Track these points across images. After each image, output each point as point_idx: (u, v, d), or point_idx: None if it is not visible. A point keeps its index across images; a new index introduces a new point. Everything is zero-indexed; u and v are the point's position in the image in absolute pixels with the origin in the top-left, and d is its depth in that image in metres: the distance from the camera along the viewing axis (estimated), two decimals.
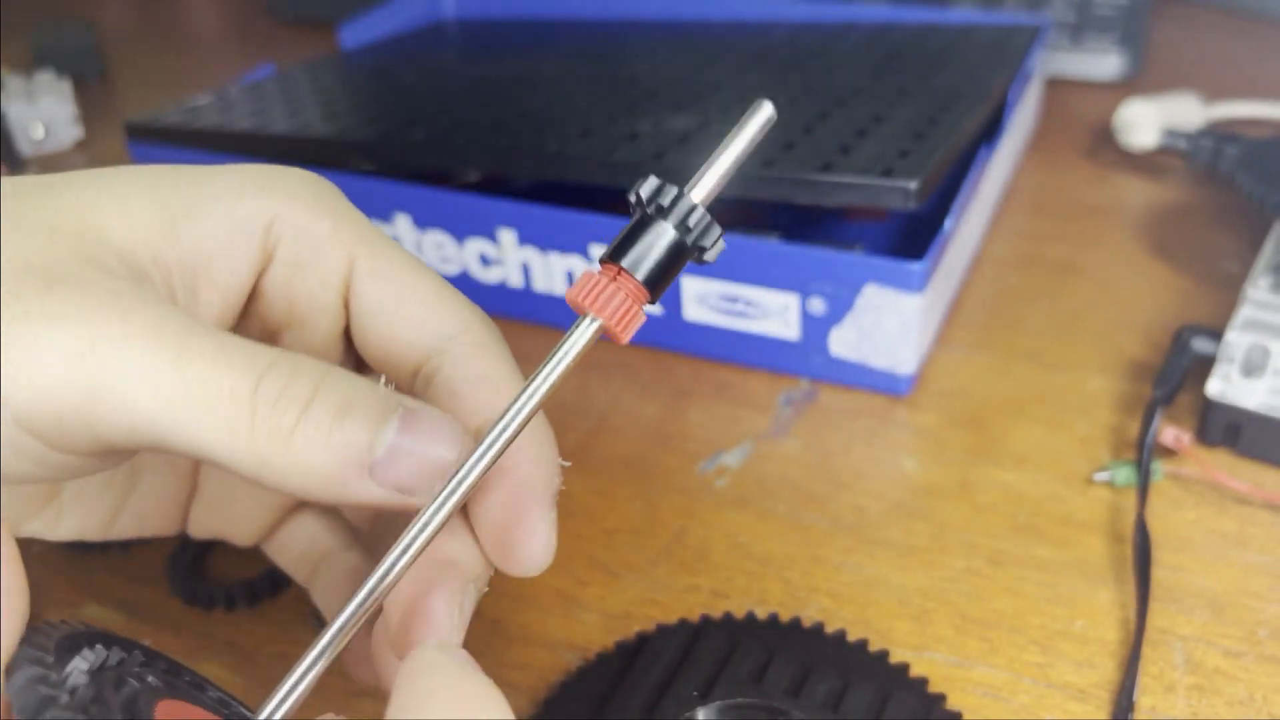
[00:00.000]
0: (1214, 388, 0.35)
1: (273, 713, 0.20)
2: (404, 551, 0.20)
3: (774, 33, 0.59)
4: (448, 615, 0.21)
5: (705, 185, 0.20)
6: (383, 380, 0.22)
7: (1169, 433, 0.35)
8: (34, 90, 0.63)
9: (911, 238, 0.46)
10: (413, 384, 0.23)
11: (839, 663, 0.28)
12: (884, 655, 0.28)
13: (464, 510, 0.22)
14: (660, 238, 0.20)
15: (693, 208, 0.20)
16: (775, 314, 0.39)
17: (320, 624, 0.21)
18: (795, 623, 0.29)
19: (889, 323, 0.37)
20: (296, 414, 0.19)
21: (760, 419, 0.39)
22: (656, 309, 0.41)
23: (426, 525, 0.20)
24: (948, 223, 0.39)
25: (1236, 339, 0.35)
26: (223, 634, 0.31)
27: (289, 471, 0.19)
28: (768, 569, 0.32)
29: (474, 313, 0.23)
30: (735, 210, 0.46)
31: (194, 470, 0.27)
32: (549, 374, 0.20)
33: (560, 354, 0.20)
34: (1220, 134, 0.50)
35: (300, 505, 0.28)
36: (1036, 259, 0.47)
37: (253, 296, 0.23)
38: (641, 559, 0.33)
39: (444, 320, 0.23)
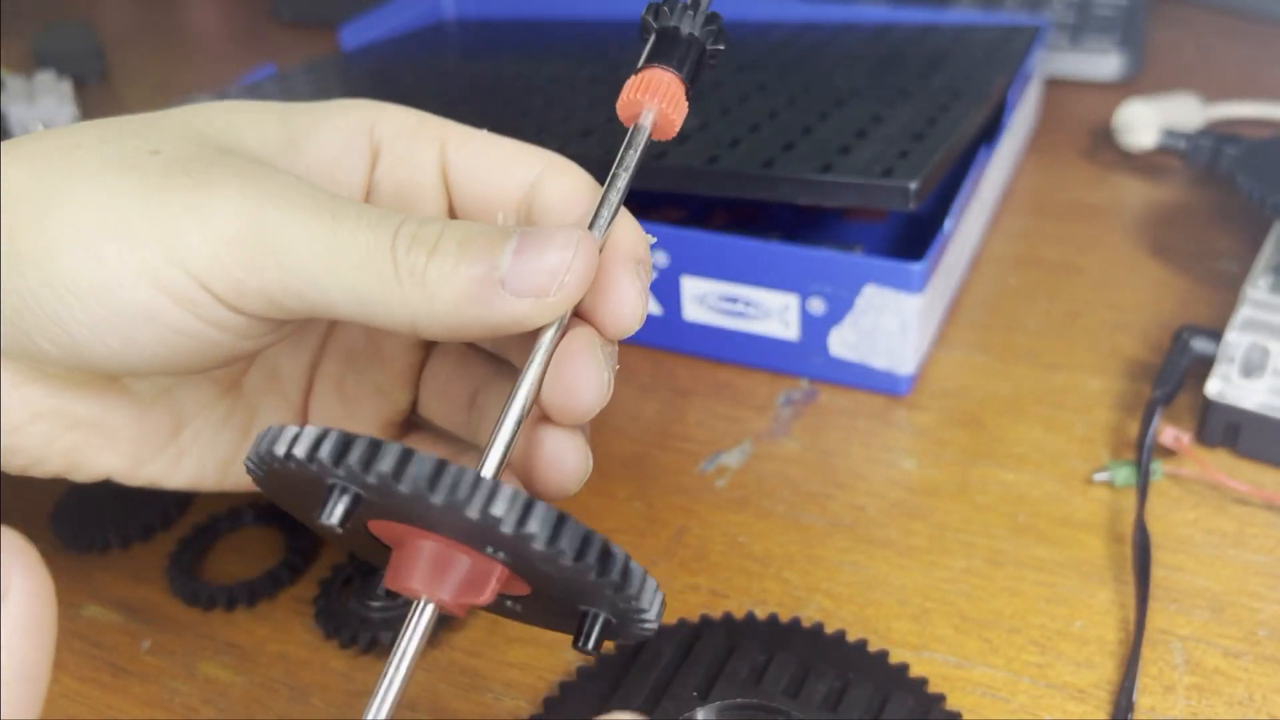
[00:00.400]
0: (1213, 388, 0.35)
1: (484, 466, 0.22)
2: (558, 326, 0.23)
3: (774, 33, 0.59)
4: (592, 362, 0.23)
5: None
6: (500, 217, 0.25)
7: (1168, 433, 0.35)
8: (34, 91, 0.63)
9: (911, 238, 0.46)
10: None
11: (838, 663, 0.28)
12: (883, 655, 0.28)
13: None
14: (678, 37, 0.24)
15: (696, 6, 0.24)
16: (775, 314, 0.39)
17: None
18: (795, 623, 0.29)
19: (888, 323, 0.37)
20: (426, 255, 0.21)
21: (760, 419, 0.39)
22: (657, 309, 0.41)
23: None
24: (947, 223, 0.39)
25: (1236, 339, 0.35)
26: (223, 634, 0.31)
27: (431, 305, 0.21)
28: (767, 569, 0.32)
29: (549, 153, 0.26)
30: (735, 211, 0.46)
31: (304, 405, 0.29)
32: (622, 168, 0.24)
33: (626, 151, 0.24)
34: (1219, 134, 0.50)
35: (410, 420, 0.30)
36: (1036, 259, 0.47)
37: (367, 196, 0.27)
38: (641, 559, 0.33)
39: (527, 163, 0.26)
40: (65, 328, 0.23)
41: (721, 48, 0.25)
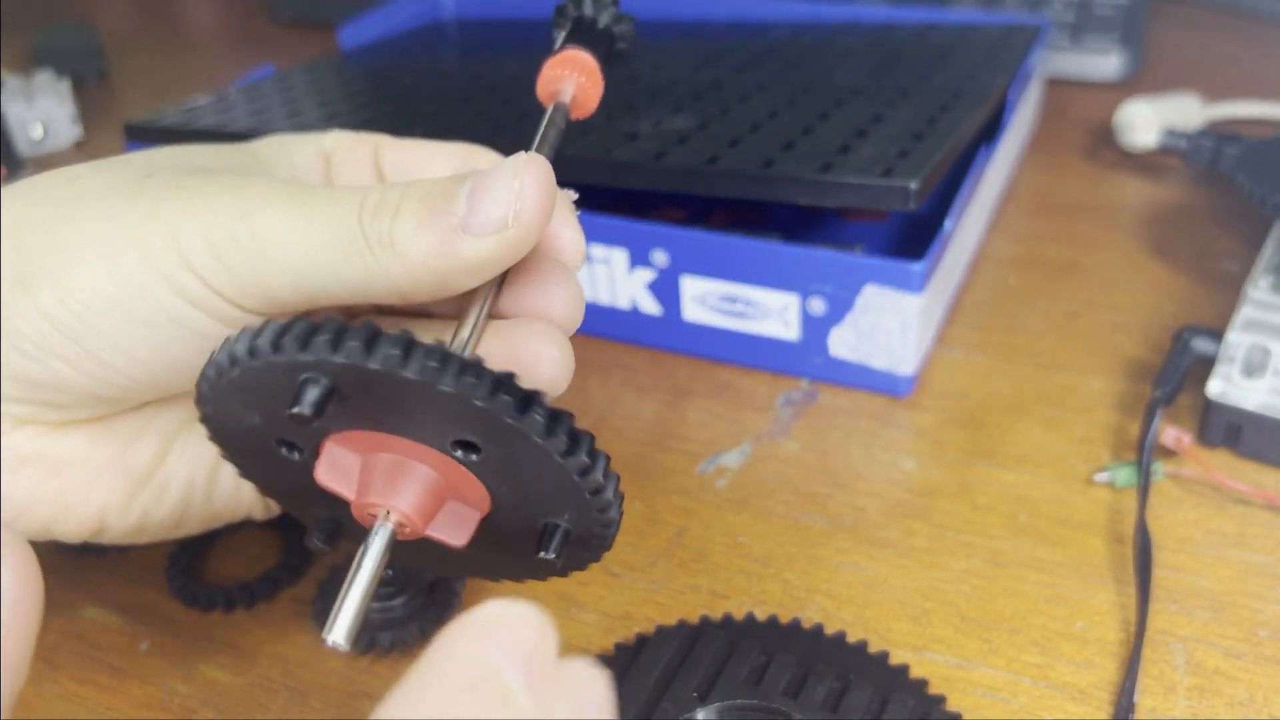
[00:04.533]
0: (1214, 388, 0.35)
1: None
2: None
3: (774, 33, 0.59)
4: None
5: None
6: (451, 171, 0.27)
7: (1169, 433, 0.35)
8: (33, 90, 0.63)
9: (911, 238, 0.46)
10: None
11: (838, 664, 0.28)
12: (884, 656, 0.28)
13: None
14: (594, 26, 0.28)
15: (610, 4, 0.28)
16: (775, 314, 0.39)
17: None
18: (795, 624, 0.29)
19: (889, 323, 0.37)
20: (390, 219, 0.23)
21: (760, 419, 0.39)
22: (656, 309, 0.41)
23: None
24: (947, 223, 0.39)
25: (1237, 339, 0.35)
26: (221, 635, 0.31)
27: (405, 266, 0.22)
28: (767, 569, 0.32)
29: (468, 145, 0.29)
30: (735, 211, 0.46)
31: None
32: (545, 143, 0.25)
33: (547, 128, 0.26)
34: (1220, 134, 0.50)
35: None
36: (1036, 259, 0.47)
37: None
38: (641, 559, 0.33)
39: (447, 155, 0.29)
40: (87, 346, 0.23)
41: (625, 46, 0.28)
